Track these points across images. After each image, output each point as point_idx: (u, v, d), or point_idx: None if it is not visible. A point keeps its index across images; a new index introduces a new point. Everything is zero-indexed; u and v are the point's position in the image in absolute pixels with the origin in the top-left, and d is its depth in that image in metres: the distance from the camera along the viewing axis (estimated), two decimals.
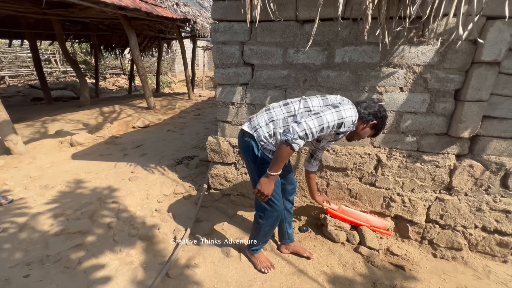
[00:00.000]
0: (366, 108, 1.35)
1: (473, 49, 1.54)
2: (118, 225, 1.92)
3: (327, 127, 1.25)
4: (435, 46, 1.58)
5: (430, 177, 1.82)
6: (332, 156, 1.94)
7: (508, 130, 1.64)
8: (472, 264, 1.85)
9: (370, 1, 1.35)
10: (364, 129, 1.38)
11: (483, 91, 1.57)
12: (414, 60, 1.64)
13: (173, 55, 14.02)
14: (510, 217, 1.76)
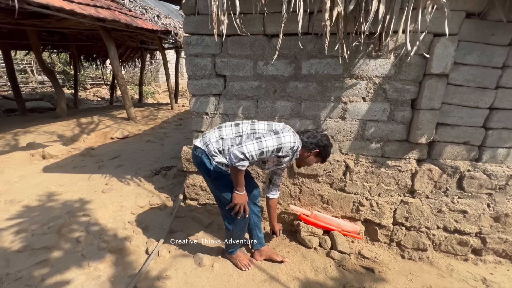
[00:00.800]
0: (309, 137, 1.48)
1: (424, 63, 1.69)
2: (87, 239, 1.86)
3: (266, 151, 1.34)
4: (390, 60, 1.71)
5: (394, 181, 1.92)
6: None
7: (459, 136, 1.79)
8: (436, 263, 1.94)
9: (328, 18, 1.46)
10: (308, 157, 1.50)
11: (435, 100, 1.71)
12: (374, 72, 1.76)
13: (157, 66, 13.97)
14: (467, 217, 1.88)
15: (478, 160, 1.82)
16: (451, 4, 1.53)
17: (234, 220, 1.59)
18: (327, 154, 1.50)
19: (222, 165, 1.50)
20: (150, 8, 5.83)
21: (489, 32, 1.57)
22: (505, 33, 1.56)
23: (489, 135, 1.75)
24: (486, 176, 1.78)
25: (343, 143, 1.95)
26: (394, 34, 1.57)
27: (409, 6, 1.42)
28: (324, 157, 1.51)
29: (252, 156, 1.32)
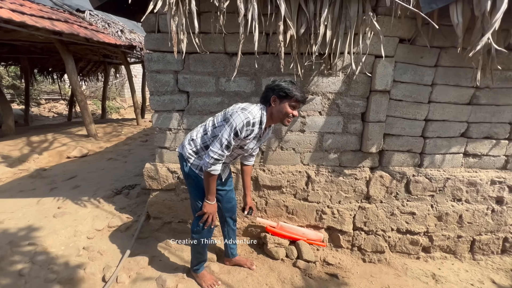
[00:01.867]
0: (262, 98, 1.45)
1: (369, 80, 1.89)
2: (32, 271, 1.67)
3: (229, 142, 1.35)
4: (340, 78, 1.89)
5: (352, 188, 2.06)
6: (268, 175, 2.06)
7: (403, 144, 2.00)
8: (393, 264, 2.09)
9: (282, 40, 1.58)
10: (276, 109, 1.41)
11: (381, 113, 1.91)
12: (327, 89, 1.92)
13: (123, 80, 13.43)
14: (416, 218, 2.08)
15: (421, 165, 2.04)
16: (386, 31, 1.76)
17: (199, 229, 1.59)
18: (288, 90, 1.35)
19: (196, 168, 1.52)
20: (113, 23, 5.68)
21: (419, 55, 1.83)
22: (431, 56, 1.82)
23: (427, 143, 1.98)
24: (428, 180, 2.00)
25: (304, 154, 2.06)
26: (341, 55, 1.75)
27: (351, 31, 1.61)
28: (287, 94, 1.35)
29: (221, 154, 1.35)
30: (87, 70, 8.75)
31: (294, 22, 1.61)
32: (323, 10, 1.56)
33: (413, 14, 1.69)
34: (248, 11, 1.52)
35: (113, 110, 11.12)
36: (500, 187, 2.00)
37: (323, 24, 1.57)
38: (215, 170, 1.38)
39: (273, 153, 2.06)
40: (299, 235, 2.03)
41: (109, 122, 7.37)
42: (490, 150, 2.01)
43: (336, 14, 1.61)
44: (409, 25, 1.76)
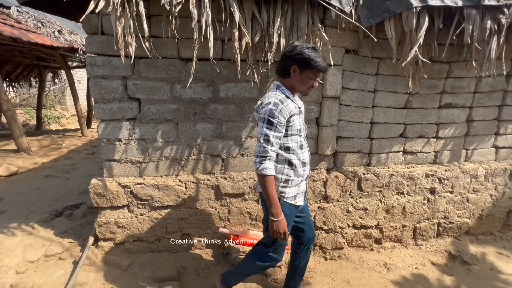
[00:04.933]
0: (280, 69, 1.33)
1: (321, 87, 2.01)
2: None
3: (266, 134, 1.25)
4: None
5: (311, 190, 2.14)
6: (230, 183, 2.02)
7: (354, 146, 2.16)
8: (351, 258, 2.22)
9: (237, 47, 1.59)
10: (294, 81, 1.31)
11: (333, 118, 2.04)
12: None
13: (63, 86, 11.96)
14: (368, 213, 2.25)
15: (369, 164, 2.23)
16: (334, 42, 1.90)
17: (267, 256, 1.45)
18: (310, 59, 1.22)
19: None
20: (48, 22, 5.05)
21: (362, 64, 2.02)
22: (372, 65, 2.03)
23: (373, 144, 2.18)
24: (376, 177, 2.20)
25: None
26: None
27: (303, 41, 1.69)
28: (307, 62, 1.23)
29: (264, 150, 1.24)
30: (16, 75, 7.59)
31: (249, 30, 1.63)
32: (275, 19, 1.62)
33: (355, 28, 1.86)
34: (202, 16, 1.49)
35: (52, 120, 9.79)
36: (432, 179, 2.30)
37: (276, 33, 1.62)
38: (265, 169, 1.22)
39: (234, 160, 2.04)
40: None
41: (46, 133, 6.45)
42: (423, 148, 2.30)
43: (288, 24, 1.68)
44: (353, 37, 1.93)
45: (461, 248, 2.33)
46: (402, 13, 1.71)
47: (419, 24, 1.72)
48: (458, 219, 2.39)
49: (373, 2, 1.74)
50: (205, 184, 2.00)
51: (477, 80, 2.19)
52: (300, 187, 1.44)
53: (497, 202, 2.42)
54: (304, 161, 1.42)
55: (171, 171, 1.99)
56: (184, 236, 2.07)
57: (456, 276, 2.05)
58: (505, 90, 2.25)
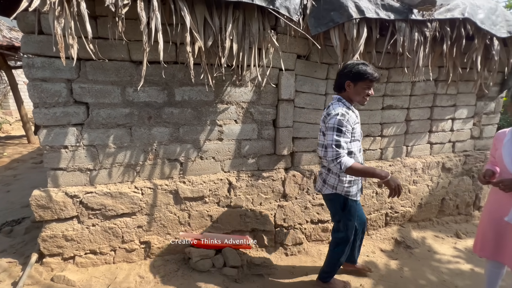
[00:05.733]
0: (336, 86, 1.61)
1: (276, 91, 2.10)
2: None
3: (337, 140, 1.45)
4: (252, 88, 2.04)
5: (270, 189, 2.22)
6: (189, 187, 2.01)
7: (309, 146, 2.30)
8: (310, 252, 2.34)
9: (190, 51, 1.60)
10: (350, 93, 1.55)
11: (288, 120, 2.14)
12: (240, 98, 2.03)
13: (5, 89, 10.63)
14: (324, 208, 2.40)
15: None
16: (286, 48, 2.00)
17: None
18: (357, 72, 1.47)
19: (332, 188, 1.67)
20: None
21: (313, 69, 2.15)
22: (322, 70, 2.18)
23: None
24: None
25: (224, 162, 2.10)
26: (249, 68, 1.88)
27: (255, 46, 1.76)
28: (360, 76, 1.47)
29: (336, 152, 1.44)
30: None
31: (201, 35, 1.65)
32: (227, 25, 1.66)
33: (305, 35, 1.98)
34: (151, 19, 1.47)
35: None
36: None
37: (228, 38, 1.66)
38: (347, 163, 1.42)
39: (192, 163, 2.03)
40: (224, 243, 2.05)
41: None
42: (370, 145, 2.53)
43: (240, 29, 1.73)
44: (303, 44, 2.06)
45: (405, 234, 2.60)
46: (345, 24, 1.88)
47: (359, 34, 1.90)
48: (402, 208, 2.67)
49: (319, 13, 1.88)
50: (163, 189, 1.96)
51: (412, 85, 2.47)
52: (359, 185, 1.73)
53: (433, 192, 2.76)
54: (362, 162, 1.69)
55: (125, 178, 1.91)
56: (142, 244, 2.00)
57: (400, 260, 2.29)
58: (434, 93, 2.58)
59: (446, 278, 2.07)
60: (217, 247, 2.03)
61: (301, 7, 1.82)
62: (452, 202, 2.86)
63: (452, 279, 2.07)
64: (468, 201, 2.91)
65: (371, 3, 1.92)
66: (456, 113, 2.72)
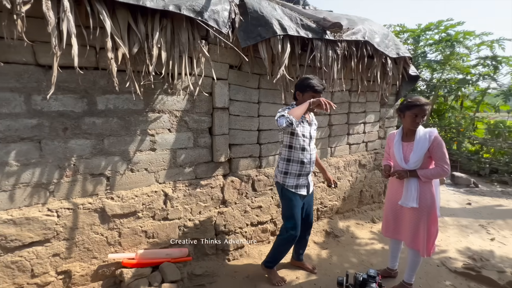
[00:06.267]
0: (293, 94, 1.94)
1: (211, 99, 2.14)
2: None
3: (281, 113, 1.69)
4: (185, 96, 2.02)
5: (209, 197, 2.22)
6: (118, 203, 1.85)
7: (246, 152, 2.40)
8: (252, 254, 2.43)
9: (112, 57, 1.50)
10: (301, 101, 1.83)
11: (224, 127, 2.20)
12: (173, 107, 1.99)
13: None
14: (263, 210, 2.53)
15: (260, 167, 2.52)
16: (218, 58, 2.07)
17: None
18: (303, 84, 1.83)
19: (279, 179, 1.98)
20: None
21: (246, 79, 2.28)
22: (254, 80, 2.32)
23: (262, 148, 2.49)
24: (266, 177, 2.51)
25: (158, 173, 2.01)
26: (180, 76, 1.87)
27: (185, 55, 1.77)
28: (305, 87, 1.82)
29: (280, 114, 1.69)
30: None
31: (125, 41, 1.57)
32: (154, 33, 1.62)
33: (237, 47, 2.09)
34: (62, 21, 1.33)
35: None
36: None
37: (156, 46, 1.62)
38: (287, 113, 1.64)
39: (122, 177, 1.88)
40: (162, 258, 1.95)
41: None
42: None
43: (169, 38, 1.72)
44: (235, 55, 2.16)
45: (333, 225, 2.95)
46: (271, 39, 2.06)
47: (284, 48, 2.11)
48: (330, 202, 3.02)
49: (248, 27, 2.02)
50: (86, 209, 1.75)
51: (331, 94, 2.85)
52: (301, 181, 1.94)
53: (353, 185, 3.21)
54: (304, 159, 1.90)
55: (35, 200, 1.64)
56: (61, 274, 1.73)
57: (329, 249, 2.58)
58: (349, 101, 3.04)
59: (364, 258, 2.44)
60: (154, 263, 1.92)
61: (230, 21, 1.91)
62: (368, 193, 3.39)
63: (368, 258, 2.45)
64: (379, 191, 3.50)
65: (292, 22, 2.16)
66: (366, 118, 3.25)
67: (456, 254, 2.52)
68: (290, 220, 1.94)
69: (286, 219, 1.97)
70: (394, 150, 1.92)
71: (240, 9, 2.02)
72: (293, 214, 1.93)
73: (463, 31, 6.08)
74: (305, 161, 1.90)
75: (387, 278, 2.13)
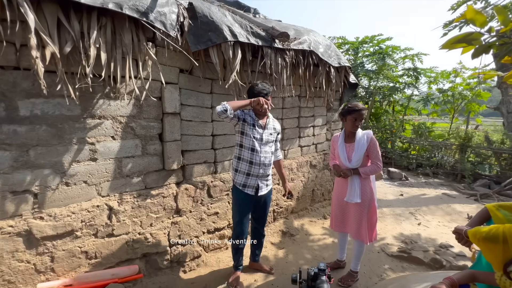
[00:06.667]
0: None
1: (160, 104, 2.03)
2: None
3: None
4: (131, 101, 1.88)
5: (161, 207, 2.10)
6: (50, 223, 1.61)
7: (200, 157, 2.34)
8: (209, 262, 2.37)
9: (37, 56, 1.31)
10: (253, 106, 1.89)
11: (175, 133, 2.11)
12: (117, 112, 1.83)
13: None
14: (220, 216, 2.50)
15: (216, 172, 2.49)
16: (168, 61, 1.99)
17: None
18: (251, 91, 1.92)
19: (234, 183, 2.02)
20: None
21: (198, 84, 2.23)
22: (206, 85, 2.29)
23: (217, 154, 2.46)
24: (222, 183, 2.48)
25: (100, 185, 1.82)
26: (125, 79, 1.74)
27: (129, 57, 1.65)
28: (253, 93, 1.91)
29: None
30: None
31: (55, 38, 1.39)
32: (91, 31, 1.48)
33: (187, 51, 2.03)
34: None
35: None
36: None
37: (94, 46, 1.48)
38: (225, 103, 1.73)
39: (53, 193, 1.64)
40: (107, 280, 1.76)
41: None
42: None
43: (109, 38, 1.58)
44: (185, 59, 2.10)
45: (289, 225, 3.08)
46: (221, 44, 2.07)
47: (235, 54, 2.13)
48: (285, 203, 3.15)
49: (198, 31, 1.99)
50: (5, 233, 1.48)
51: (283, 99, 2.99)
52: (251, 181, 1.96)
53: (306, 185, 3.40)
54: (255, 161, 1.94)
55: None
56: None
57: (286, 248, 2.68)
58: (299, 106, 3.23)
59: (317, 253, 2.60)
60: (97, 287, 1.72)
61: (178, 24, 1.86)
62: (319, 191, 3.63)
63: (321, 253, 2.62)
64: (329, 188, 3.78)
65: (243, 29, 2.21)
66: (315, 121, 3.50)
67: (392, 240, 2.87)
68: (237, 220, 2.04)
69: (234, 217, 2.07)
70: (338, 151, 2.11)
71: (189, 13, 1.99)
72: (238, 213, 2.02)
73: (391, 45, 7.05)
74: (253, 161, 1.93)
75: (337, 269, 2.30)
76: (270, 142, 2.03)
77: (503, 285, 1.06)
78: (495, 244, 1.06)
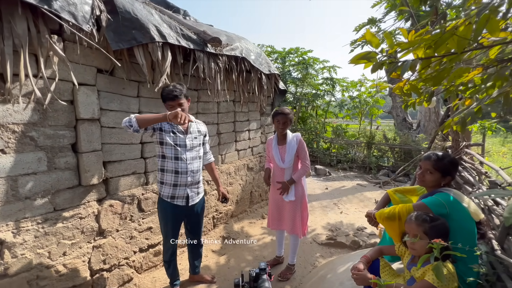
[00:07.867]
0: None
1: (72, 108, 1.72)
2: None
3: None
4: (30, 105, 1.53)
5: (78, 231, 1.77)
6: None
7: (127, 168, 2.09)
8: (143, 284, 2.13)
9: None
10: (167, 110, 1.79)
11: (94, 142, 1.82)
12: (9, 119, 1.46)
13: None
14: (153, 231, 2.28)
15: (147, 183, 2.26)
16: (81, 59, 1.70)
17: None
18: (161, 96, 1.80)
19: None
20: None
21: (121, 86, 2.00)
22: (132, 88, 2.07)
23: (148, 163, 2.25)
24: (155, 194, 2.28)
25: None
26: (18, 78, 1.40)
27: (24, 51, 1.34)
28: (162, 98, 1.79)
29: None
30: None
31: None
32: None
33: (106, 49, 1.79)
34: None
35: None
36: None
37: None
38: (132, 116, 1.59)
39: None
40: None
41: None
42: None
43: None
44: (104, 57, 1.84)
45: (229, 229, 3.07)
46: (148, 44, 1.91)
47: (164, 56, 2.00)
48: (225, 208, 3.13)
49: (119, 28, 1.78)
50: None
51: (217, 104, 2.98)
52: (178, 191, 1.84)
53: (244, 188, 3.47)
54: (179, 169, 1.81)
55: None
56: None
57: (227, 253, 2.66)
58: (234, 111, 3.28)
59: (257, 254, 2.67)
60: None
61: (94, 18, 1.62)
62: (257, 192, 3.76)
63: (261, 252, 2.71)
64: (265, 189, 3.96)
65: (172, 30, 2.10)
66: (250, 125, 3.61)
67: (321, 230, 3.22)
68: (166, 233, 1.91)
69: (162, 230, 1.94)
70: (273, 153, 2.23)
71: (107, 6, 1.75)
72: (167, 227, 1.89)
73: (312, 57, 7.98)
74: (179, 170, 1.80)
75: (277, 265, 2.42)
76: (196, 147, 1.89)
77: (401, 254, 1.33)
78: (393, 221, 1.33)
